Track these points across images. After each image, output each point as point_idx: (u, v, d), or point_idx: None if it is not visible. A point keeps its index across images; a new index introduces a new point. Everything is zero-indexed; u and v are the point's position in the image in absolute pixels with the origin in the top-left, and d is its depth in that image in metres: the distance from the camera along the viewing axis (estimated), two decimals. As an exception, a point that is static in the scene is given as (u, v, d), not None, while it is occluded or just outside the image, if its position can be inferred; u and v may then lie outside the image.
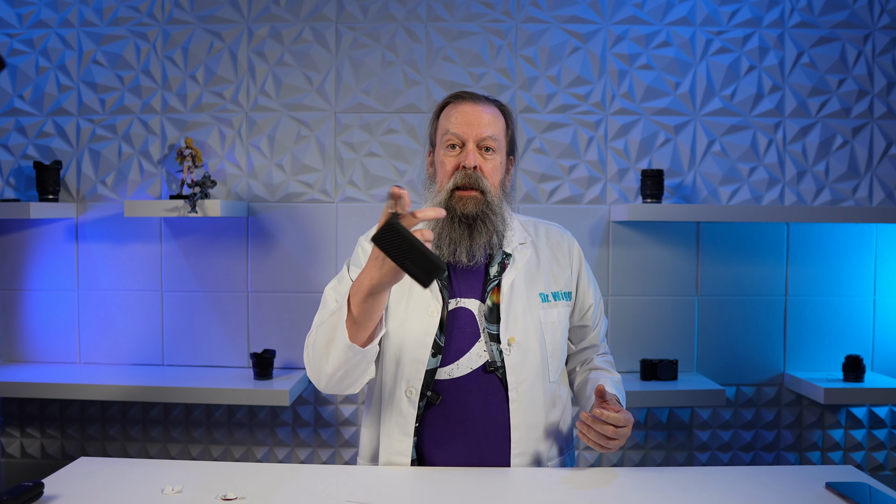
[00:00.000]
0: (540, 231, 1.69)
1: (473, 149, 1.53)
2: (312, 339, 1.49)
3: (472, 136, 1.53)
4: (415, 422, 1.53)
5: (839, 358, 2.62)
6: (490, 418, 1.53)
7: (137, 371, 2.60)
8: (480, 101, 1.57)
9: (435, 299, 1.54)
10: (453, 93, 1.62)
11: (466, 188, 1.52)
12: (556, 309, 1.61)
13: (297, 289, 2.63)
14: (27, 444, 2.72)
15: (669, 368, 2.52)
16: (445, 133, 1.55)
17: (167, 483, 1.39)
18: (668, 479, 1.45)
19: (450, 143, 1.54)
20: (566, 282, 1.65)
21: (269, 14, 2.62)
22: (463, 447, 1.53)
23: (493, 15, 2.61)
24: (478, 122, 1.53)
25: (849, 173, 2.63)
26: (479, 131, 1.53)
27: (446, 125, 1.56)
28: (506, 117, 1.60)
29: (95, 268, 2.66)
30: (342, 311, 1.38)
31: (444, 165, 1.55)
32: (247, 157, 2.64)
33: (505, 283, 1.56)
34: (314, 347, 1.47)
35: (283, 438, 2.67)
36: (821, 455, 2.67)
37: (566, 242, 1.69)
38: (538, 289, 1.60)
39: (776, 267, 2.64)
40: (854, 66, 2.61)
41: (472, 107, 1.55)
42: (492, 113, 1.56)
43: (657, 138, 2.61)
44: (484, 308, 1.55)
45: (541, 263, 1.63)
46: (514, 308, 1.55)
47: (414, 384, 1.53)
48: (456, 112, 1.55)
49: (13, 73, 2.65)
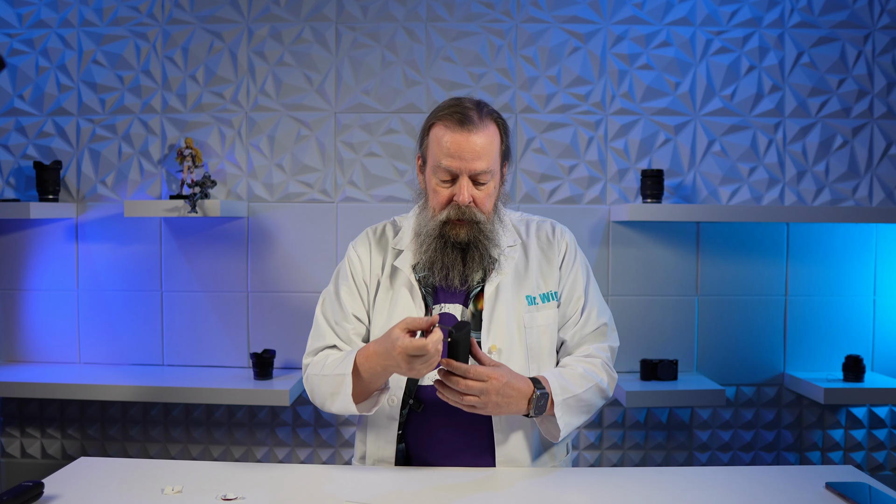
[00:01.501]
0: (531, 230, 1.64)
1: (467, 184, 1.47)
2: (316, 381, 1.53)
3: (466, 171, 1.46)
4: (398, 429, 1.54)
5: (839, 358, 2.62)
6: (474, 426, 1.52)
7: (137, 371, 2.60)
8: (472, 124, 1.46)
9: (417, 307, 1.54)
10: (444, 109, 1.50)
11: (459, 219, 1.49)
12: (543, 312, 1.57)
13: (297, 289, 2.63)
14: (27, 444, 2.72)
15: (669, 368, 2.52)
16: (437, 164, 1.48)
17: (167, 483, 1.39)
18: (668, 479, 1.45)
19: (442, 179, 1.49)
20: (556, 281, 1.60)
21: (269, 14, 2.62)
22: (447, 454, 1.53)
23: (493, 15, 2.61)
24: (471, 155, 1.46)
25: (849, 173, 2.63)
26: (473, 165, 1.46)
27: (438, 154, 1.48)
28: (500, 129, 1.52)
29: (95, 268, 2.66)
30: (347, 381, 1.44)
31: (437, 195, 1.50)
32: (247, 157, 2.64)
33: (488, 289, 1.54)
34: (318, 391, 1.53)
35: (283, 438, 2.67)
36: (821, 455, 2.67)
37: (556, 237, 1.63)
38: (526, 291, 1.57)
39: (776, 267, 2.64)
40: (854, 66, 2.61)
41: (464, 137, 1.45)
42: (485, 138, 1.47)
43: (657, 138, 2.61)
44: (467, 313, 1.54)
45: (530, 265, 1.59)
46: (498, 314, 1.53)
47: (396, 392, 1.53)
48: (448, 141, 1.46)
49: (13, 73, 2.65)
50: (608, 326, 1.63)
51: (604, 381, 1.55)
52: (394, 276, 1.59)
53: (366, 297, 1.61)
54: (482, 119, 1.48)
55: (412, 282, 1.56)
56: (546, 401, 1.45)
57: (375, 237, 1.65)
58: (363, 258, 1.63)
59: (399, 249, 1.61)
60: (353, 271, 1.62)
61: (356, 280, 1.61)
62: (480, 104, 1.51)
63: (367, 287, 1.61)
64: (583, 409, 1.52)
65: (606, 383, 1.56)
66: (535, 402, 1.43)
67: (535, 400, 1.42)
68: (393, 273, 1.59)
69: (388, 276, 1.59)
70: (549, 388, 1.45)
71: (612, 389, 1.60)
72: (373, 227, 1.69)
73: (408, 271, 1.57)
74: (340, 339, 1.59)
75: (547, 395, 1.45)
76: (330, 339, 1.59)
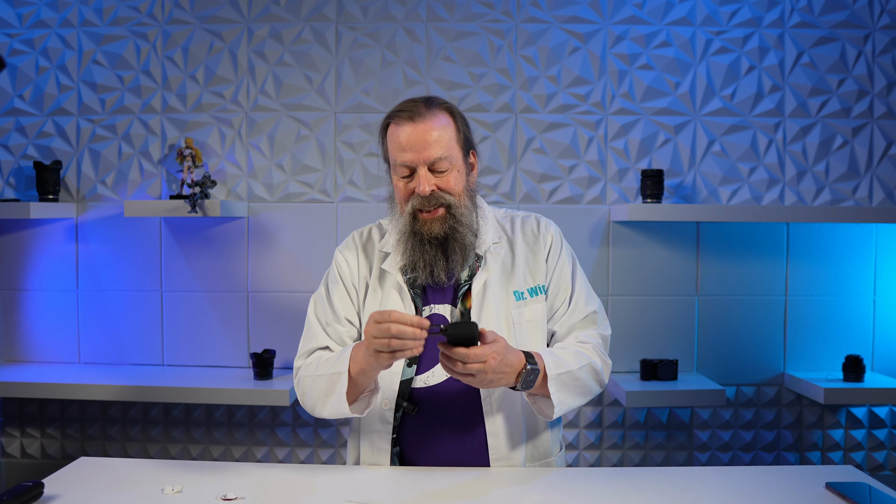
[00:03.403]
0: (517, 226, 1.63)
1: (425, 174, 1.47)
2: (308, 383, 1.52)
3: (421, 161, 1.47)
4: (392, 432, 1.53)
5: (839, 358, 2.62)
6: (467, 426, 1.52)
7: (137, 371, 2.60)
8: (421, 115, 1.48)
9: (407, 310, 1.54)
10: (396, 108, 1.52)
11: (427, 210, 1.49)
12: (531, 306, 1.57)
13: (297, 289, 2.63)
14: (27, 444, 2.72)
15: (669, 368, 2.52)
16: (395, 161, 1.50)
17: (167, 483, 1.39)
18: (668, 479, 1.45)
19: (402, 174, 1.50)
20: (543, 274, 1.59)
21: (269, 14, 2.62)
22: (441, 455, 1.52)
23: (493, 15, 2.61)
24: (423, 145, 1.46)
25: (849, 173, 2.63)
26: (427, 154, 1.47)
27: (394, 152, 1.50)
28: (453, 118, 1.52)
29: (95, 268, 2.66)
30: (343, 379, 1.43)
31: (399, 191, 1.52)
32: (247, 157, 2.64)
33: (476, 286, 1.54)
34: (309, 392, 1.52)
35: (283, 438, 2.67)
36: (821, 455, 2.67)
37: (542, 231, 1.62)
38: (513, 286, 1.57)
39: (776, 267, 2.64)
40: (854, 66, 2.61)
41: (413, 128, 1.47)
42: (437, 126, 1.48)
43: (657, 138, 2.61)
44: (456, 313, 1.54)
45: (516, 260, 1.59)
46: (486, 312, 1.53)
47: (389, 396, 1.53)
48: (399, 136, 1.48)
49: (13, 73, 2.65)
50: (598, 314, 1.61)
51: (597, 363, 1.54)
52: (382, 278, 1.59)
53: (356, 299, 1.61)
54: (430, 109, 1.49)
55: (401, 284, 1.56)
56: (535, 376, 1.43)
57: (362, 241, 1.65)
58: (350, 262, 1.62)
59: (386, 252, 1.60)
60: (342, 274, 1.62)
61: (346, 283, 1.61)
62: (430, 98, 1.53)
63: (357, 290, 1.61)
64: (577, 387, 1.50)
65: (600, 366, 1.54)
66: (523, 376, 1.41)
67: (523, 374, 1.41)
68: (381, 276, 1.59)
69: (377, 280, 1.59)
70: (543, 364, 1.44)
71: (606, 375, 1.57)
72: (358, 230, 1.68)
73: (396, 273, 1.56)
74: (333, 341, 1.59)
75: (538, 371, 1.43)
76: (322, 340, 1.59)
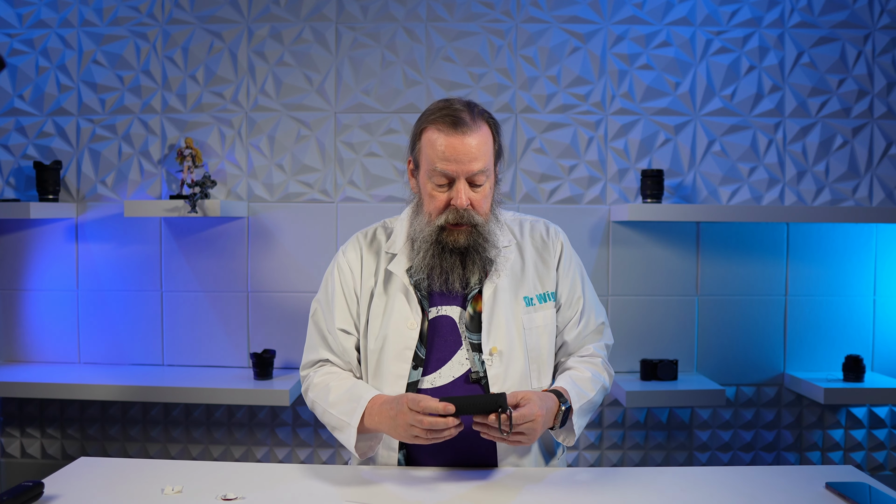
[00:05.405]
0: (525, 230, 1.63)
1: (464, 187, 1.45)
2: (318, 409, 1.55)
3: (463, 173, 1.44)
4: None
5: (839, 358, 2.62)
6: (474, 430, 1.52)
7: (137, 371, 2.60)
8: (466, 126, 1.44)
9: (414, 312, 1.52)
10: (436, 112, 1.48)
11: (457, 223, 1.48)
12: (541, 312, 1.56)
13: (297, 289, 2.63)
14: (27, 444, 2.72)
15: (669, 368, 2.52)
16: (432, 167, 1.45)
17: (167, 483, 1.39)
18: (668, 479, 1.45)
19: (439, 183, 1.47)
20: (553, 282, 1.60)
21: (269, 14, 2.62)
22: (449, 458, 1.52)
23: (493, 15, 2.61)
24: (466, 157, 1.43)
25: (849, 173, 2.63)
26: (469, 167, 1.44)
27: (432, 157, 1.45)
28: (492, 129, 1.50)
29: (95, 268, 2.66)
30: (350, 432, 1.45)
31: (434, 200, 1.48)
32: (247, 157, 2.64)
33: (487, 290, 1.53)
34: (320, 416, 1.55)
35: (283, 438, 2.67)
36: (821, 455, 2.67)
37: (551, 238, 1.62)
38: (523, 292, 1.56)
39: (776, 267, 2.64)
40: (854, 66, 2.61)
41: (459, 140, 1.43)
42: (479, 139, 1.45)
43: (657, 138, 2.61)
44: (465, 316, 1.52)
45: (526, 266, 1.58)
46: (497, 316, 1.52)
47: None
48: (442, 144, 1.44)
49: (13, 73, 2.65)
50: (605, 325, 1.68)
51: (607, 381, 1.62)
52: (388, 280, 1.57)
53: (355, 309, 1.59)
54: (475, 120, 1.46)
55: (407, 286, 1.54)
56: (570, 412, 1.48)
57: (367, 241, 1.62)
58: (354, 266, 1.60)
59: (392, 253, 1.58)
60: (344, 282, 1.59)
61: (346, 292, 1.59)
62: (471, 105, 1.49)
63: (358, 297, 1.59)
64: (592, 410, 1.58)
65: (608, 383, 1.63)
66: (560, 416, 1.46)
67: (560, 415, 1.46)
68: (387, 277, 1.57)
69: (382, 282, 1.57)
70: (570, 399, 1.48)
71: (610, 385, 1.66)
72: (363, 231, 1.66)
73: (402, 275, 1.54)
74: (333, 353, 1.59)
75: (570, 408, 1.48)
76: (323, 352, 1.59)
